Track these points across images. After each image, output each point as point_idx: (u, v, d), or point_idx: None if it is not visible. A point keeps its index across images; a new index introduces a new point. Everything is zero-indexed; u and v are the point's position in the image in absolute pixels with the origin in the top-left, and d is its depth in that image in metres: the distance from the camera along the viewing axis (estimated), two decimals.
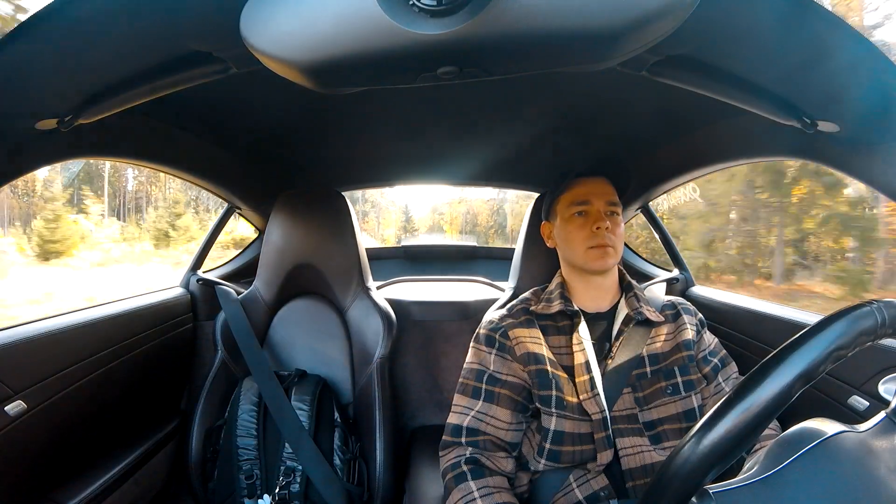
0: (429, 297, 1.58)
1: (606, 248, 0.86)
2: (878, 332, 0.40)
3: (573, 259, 0.90)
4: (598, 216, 0.87)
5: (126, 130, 0.86)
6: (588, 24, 0.38)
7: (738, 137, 0.92)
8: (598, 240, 0.86)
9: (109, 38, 0.49)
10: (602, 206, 0.88)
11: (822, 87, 0.56)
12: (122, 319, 1.05)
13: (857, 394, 0.81)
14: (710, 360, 0.88)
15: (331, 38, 0.41)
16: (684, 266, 1.42)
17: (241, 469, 0.98)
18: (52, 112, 0.60)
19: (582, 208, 0.89)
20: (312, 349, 1.22)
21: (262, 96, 0.88)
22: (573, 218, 0.90)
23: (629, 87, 0.84)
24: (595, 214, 0.88)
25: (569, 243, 0.90)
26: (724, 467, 0.37)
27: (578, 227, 0.88)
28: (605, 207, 0.88)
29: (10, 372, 0.78)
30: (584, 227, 0.88)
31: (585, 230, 0.87)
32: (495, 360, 0.86)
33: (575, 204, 0.90)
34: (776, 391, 0.37)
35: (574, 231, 0.89)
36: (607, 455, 0.79)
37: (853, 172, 0.70)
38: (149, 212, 20.60)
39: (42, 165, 0.73)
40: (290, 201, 1.23)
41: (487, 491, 0.75)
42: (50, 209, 11.76)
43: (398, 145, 1.26)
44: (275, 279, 1.23)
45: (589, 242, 0.86)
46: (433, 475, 1.08)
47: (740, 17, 0.46)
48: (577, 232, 0.88)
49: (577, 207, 0.89)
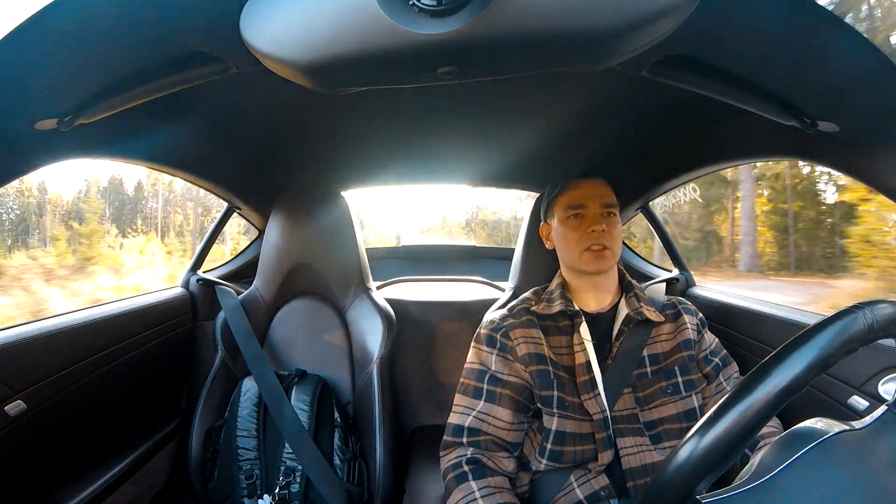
0: (429, 297, 1.58)
1: (603, 250, 0.86)
2: (867, 337, 0.40)
3: (570, 261, 0.91)
4: (594, 219, 0.87)
5: (126, 130, 0.86)
6: (588, 24, 0.38)
7: (738, 137, 0.92)
8: (592, 242, 0.86)
9: (109, 39, 0.49)
10: (597, 208, 0.89)
11: (822, 87, 0.56)
12: (122, 319, 1.05)
13: (857, 394, 0.81)
14: (712, 360, 0.88)
15: (331, 38, 0.41)
16: (684, 266, 1.42)
17: (241, 469, 0.98)
18: (52, 112, 0.60)
19: (577, 211, 0.90)
20: (312, 349, 1.21)
21: (262, 96, 0.88)
22: (569, 220, 0.90)
23: (629, 87, 0.84)
24: (591, 217, 0.88)
25: (565, 246, 0.91)
26: (722, 469, 0.37)
27: (573, 229, 0.89)
28: (600, 209, 0.89)
29: (10, 372, 0.77)
30: (580, 230, 0.88)
31: (580, 232, 0.88)
32: (496, 361, 0.86)
33: (570, 207, 0.90)
34: (773, 394, 0.37)
35: (570, 234, 0.89)
36: (608, 455, 0.79)
37: (853, 172, 0.70)
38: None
39: (42, 165, 0.73)
40: (290, 201, 1.23)
41: (489, 491, 0.75)
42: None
43: (398, 145, 1.26)
44: (275, 279, 1.23)
45: (584, 245, 0.87)
46: (433, 475, 1.08)
47: (740, 17, 0.46)
48: (572, 234, 0.89)
49: (573, 210, 0.90)
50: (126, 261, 11.41)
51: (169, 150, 1.02)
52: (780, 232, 11.23)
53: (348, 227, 1.23)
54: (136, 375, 1.09)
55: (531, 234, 1.11)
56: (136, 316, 1.09)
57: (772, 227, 11.30)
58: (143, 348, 1.11)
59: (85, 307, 1.02)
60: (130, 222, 21.64)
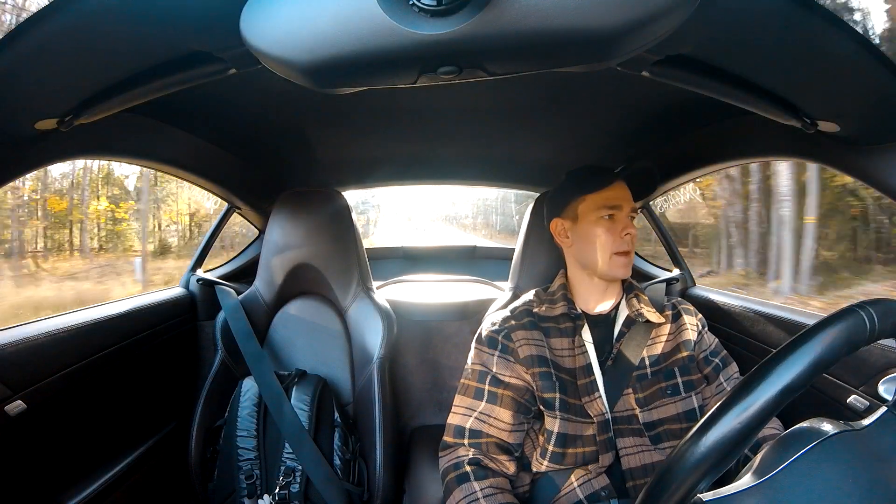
0: (429, 297, 1.58)
1: (629, 254, 0.85)
2: (868, 337, 0.40)
3: (593, 263, 0.87)
4: (627, 222, 0.85)
5: (126, 130, 0.86)
6: (588, 23, 0.38)
7: (738, 137, 0.92)
8: (625, 246, 0.85)
9: (109, 38, 0.49)
10: (628, 211, 0.87)
11: (822, 87, 0.56)
12: (122, 319, 1.05)
13: (857, 394, 0.81)
14: (712, 361, 0.88)
15: (331, 38, 0.41)
16: (684, 266, 1.42)
17: (241, 469, 0.98)
18: (51, 112, 0.60)
19: (612, 212, 0.86)
20: (312, 349, 1.21)
21: (262, 96, 0.88)
22: (601, 221, 0.86)
23: (629, 87, 0.84)
24: (623, 220, 0.86)
25: (597, 247, 0.86)
26: (722, 469, 0.37)
27: (606, 230, 0.85)
28: (629, 213, 0.87)
29: (10, 372, 0.77)
30: (612, 232, 0.85)
31: (613, 235, 0.85)
32: (498, 362, 0.86)
33: (606, 207, 0.86)
34: (773, 394, 0.37)
35: (602, 235, 0.86)
36: (609, 456, 0.79)
37: (853, 172, 0.70)
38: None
39: (42, 165, 0.73)
40: (290, 201, 1.23)
41: (491, 492, 0.75)
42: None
43: (398, 145, 1.26)
44: (275, 279, 1.23)
45: (615, 248, 0.85)
46: (433, 475, 1.08)
47: (740, 17, 0.46)
48: (605, 236, 0.85)
49: (608, 211, 0.86)
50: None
51: (169, 150, 1.02)
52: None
53: (348, 227, 1.23)
54: (136, 375, 1.09)
55: (531, 234, 1.11)
56: (136, 316, 1.09)
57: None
58: (143, 348, 1.11)
59: (85, 307, 1.02)
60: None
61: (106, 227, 7.03)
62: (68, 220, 6.69)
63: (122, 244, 7.13)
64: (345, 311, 1.23)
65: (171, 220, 7.32)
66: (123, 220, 7.04)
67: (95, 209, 6.96)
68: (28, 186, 6.46)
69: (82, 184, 6.93)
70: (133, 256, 6.97)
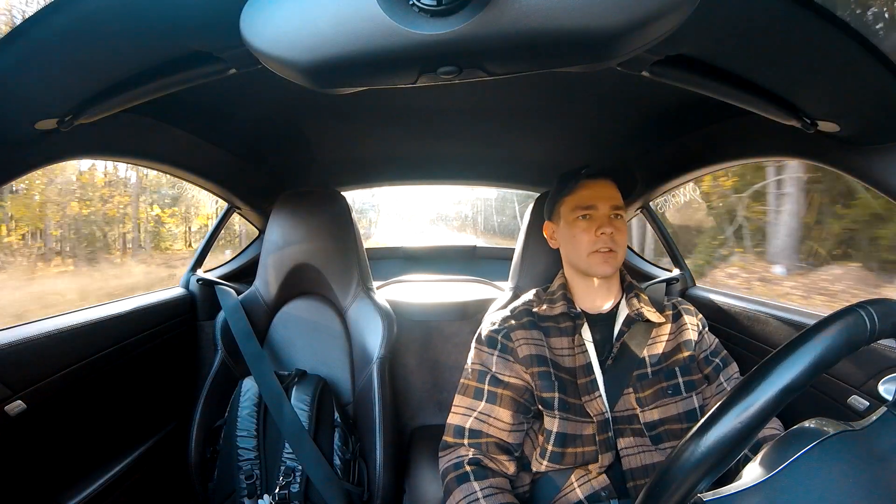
0: (428, 297, 1.58)
1: (610, 252, 0.85)
2: (868, 337, 0.40)
3: (576, 262, 0.90)
4: (603, 221, 0.86)
5: (126, 130, 0.86)
6: (588, 23, 0.38)
7: (738, 137, 0.92)
8: (601, 244, 0.85)
9: (109, 39, 0.49)
10: (607, 210, 0.87)
11: (822, 87, 0.56)
12: (122, 319, 1.05)
13: (857, 394, 0.81)
14: (712, 361, 0.88)
15: (331, 38, 0.41)
16: (684, 266, 1.42)
17: (241, 469, 0.98)
18: (51, 112, 0.60)
19: (586, 212, 0.87)
20: (312, 349, 1.21)
21: (261, 96, 0.88)
22: (577, 221, 0.88)
23: (629, 87, 0.84)
24: (600, 219, 0.86)
25: (573, 247, 0.89)
26: (722, 469, 0.37)
27: (582, 230, 0.87)
28: (609, 211, 0.87)
29: (10, 372, 0.77)
30: (588, 231, 0.86)
31: (589, 234, 0.86)
32: (497, 362, 0.86)
33: (580, 208, 0.88)
34: (774, 394, 0.37)
35: (578, 235, 0.88)
36: (609, 456, 0.79)
37: (853, 172, 0.70)
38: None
39: (42, 165, 0.73)
40: (290, 201, 1.23)
41: (491, 491, 0.75)
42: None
43: (398, 145, 1.26)
44: (275, 279, 1.23)
45: (592, 247, 0.86)
46: (433, 475, 1.08)
47: (740, 17, 0.46)
48: (581, 236, 0.87)
49: (582, 211, 0.88)
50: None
51: (169, 150, 1.02)
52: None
53: (348, 227, 1.23)
54: (136, 375, 1.09)
55: (531, 234, 1.11)
56: (136, 316, 1.09)
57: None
58: (143, 348, 1.11)
59: (85, 307, 1.02)
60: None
61: (153, 230, 8.11)
62: (136, 224, 7.83)
63: (162, 244, 8.09)
64: (345, 311, 1.23)
65: (201, 224, 8.01)
66: (166, 224, 8.11)
67: (147, 214, 8.03)
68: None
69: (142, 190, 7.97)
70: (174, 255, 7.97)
